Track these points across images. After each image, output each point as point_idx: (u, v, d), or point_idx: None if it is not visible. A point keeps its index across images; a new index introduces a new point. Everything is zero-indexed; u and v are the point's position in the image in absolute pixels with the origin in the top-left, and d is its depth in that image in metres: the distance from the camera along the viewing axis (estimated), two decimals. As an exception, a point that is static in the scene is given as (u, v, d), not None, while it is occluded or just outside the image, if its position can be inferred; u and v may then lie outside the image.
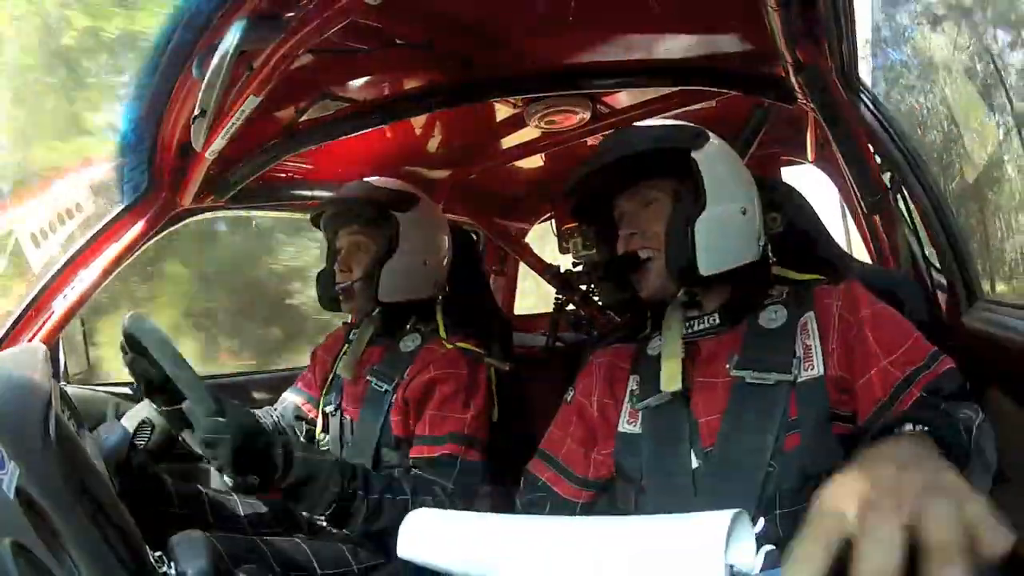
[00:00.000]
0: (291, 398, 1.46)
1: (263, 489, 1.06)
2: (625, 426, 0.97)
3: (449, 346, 1.28)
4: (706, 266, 0.91)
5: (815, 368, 0.86)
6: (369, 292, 1.29)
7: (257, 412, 1.37)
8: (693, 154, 0.93)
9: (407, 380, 1.25)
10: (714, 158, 0.95)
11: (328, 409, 1.36)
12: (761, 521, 0.80)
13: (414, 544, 0.69)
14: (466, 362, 1.26)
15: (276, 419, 1.41)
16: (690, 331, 0.96)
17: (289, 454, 1.02)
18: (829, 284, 0.94)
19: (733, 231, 0.95)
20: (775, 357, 0.88)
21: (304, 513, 1.13)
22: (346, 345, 1.41)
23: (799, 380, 0.86)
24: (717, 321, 0.95)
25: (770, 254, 1.00)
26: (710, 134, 0.96)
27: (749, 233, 0.96)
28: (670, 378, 0.90)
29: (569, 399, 1.06)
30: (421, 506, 1.08)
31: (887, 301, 0.92)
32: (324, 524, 1.10)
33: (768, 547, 0.62)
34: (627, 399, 0.99)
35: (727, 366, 0.90)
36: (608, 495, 1.01)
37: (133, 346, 1.10)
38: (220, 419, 0.96)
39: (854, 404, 0.85)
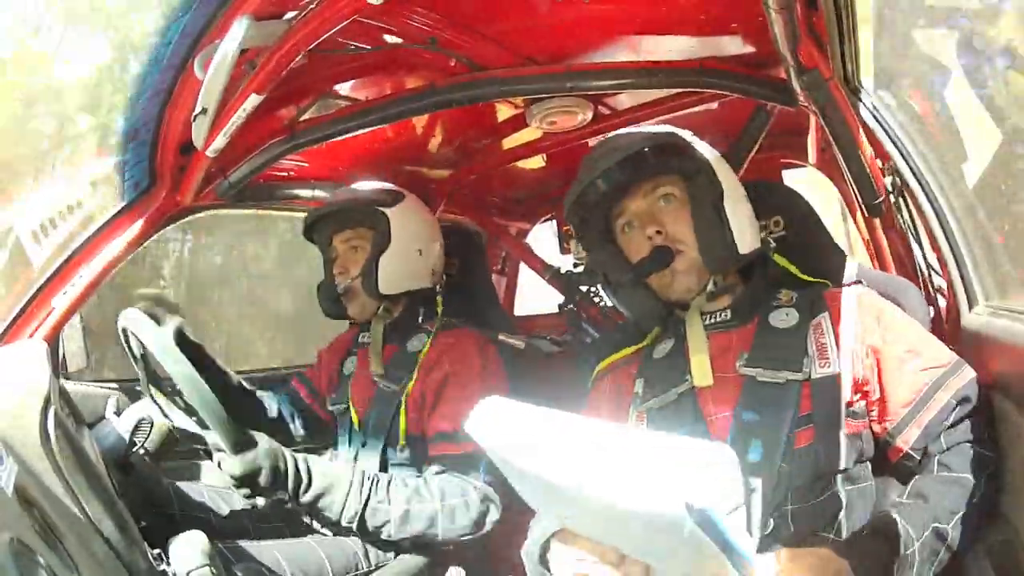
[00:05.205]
0: (296, 388, 1.48)
1: (285, 502, 1.10)
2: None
3: (462, 328, 1.31)
4: (743, 246, 0.93)
5: (831, 365, 0.86)
6: (370, 287, 1.29)
7: (263, 394, 1.40)
8: (698, 148, 0.97)
9: (423, 374, 1.25)
10: (709, 147, 0.99)
11: (336, 410, 1.37)
12: (771, 521, 0.80)
13: (483, 428, 0.65)
14: (478, 349, 1.27)
15: (278, 405, 1.42)
16: (703, 324, 0.96)
17: (308, 468, 1.06)
18: (839, 288, 0.94)
19: (749, 215, 0.97)
20: (785, 356, 0.88)
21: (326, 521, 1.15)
22: (355, 348, 1.42)
23: (814, 377, 0.86)
24: (729, 316, 0.95)
25: (771, 251, 1.02)
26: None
27: (753, 217, 0.99)
28: (702, 374, 0.90)
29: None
30: (451, 512, 1.13)
31: None
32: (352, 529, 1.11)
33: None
34: (632, 402, 0.98)
35: (737, 363, 0.90)
36: None
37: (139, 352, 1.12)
38: (249, 452, 0.99)
39: (870, 404, 0.86)
